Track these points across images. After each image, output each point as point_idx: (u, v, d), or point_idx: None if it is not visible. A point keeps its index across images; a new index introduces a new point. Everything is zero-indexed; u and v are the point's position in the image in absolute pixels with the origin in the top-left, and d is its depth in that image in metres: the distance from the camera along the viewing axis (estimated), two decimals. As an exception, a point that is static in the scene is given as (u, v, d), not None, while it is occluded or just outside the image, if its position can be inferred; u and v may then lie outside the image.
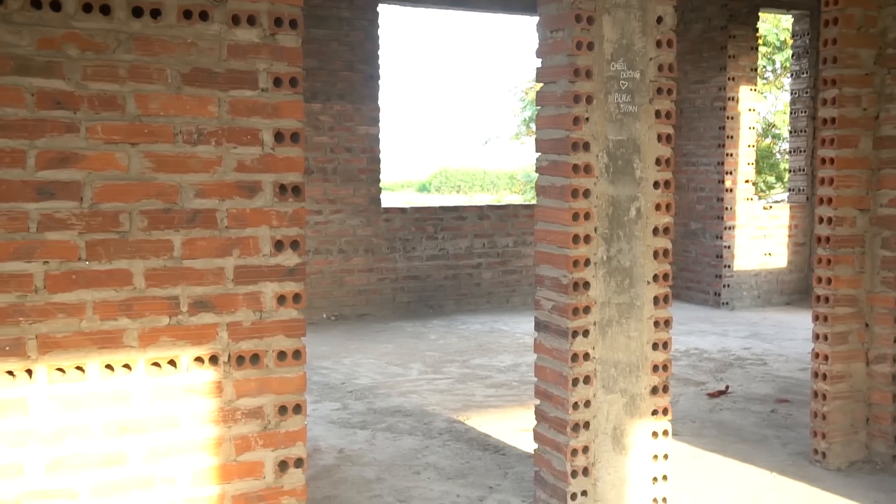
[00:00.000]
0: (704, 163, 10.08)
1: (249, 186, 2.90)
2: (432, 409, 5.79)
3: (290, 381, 3.00)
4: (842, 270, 4.64)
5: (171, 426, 2.84)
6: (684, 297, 10.32)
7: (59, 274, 2.68)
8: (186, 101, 2.79)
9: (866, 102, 4.63)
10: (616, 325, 3.97)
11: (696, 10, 10.01)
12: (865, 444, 4.76)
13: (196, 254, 2.84)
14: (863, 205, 4.66)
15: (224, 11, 2.82)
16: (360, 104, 9.10)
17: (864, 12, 4.57)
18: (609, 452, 4.00)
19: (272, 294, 2.95)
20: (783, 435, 5.30)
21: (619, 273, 3.96)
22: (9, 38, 2.57)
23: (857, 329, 4.70)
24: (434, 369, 7.01)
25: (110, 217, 2.73)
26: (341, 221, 9.09)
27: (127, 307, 2.76)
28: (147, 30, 2.73)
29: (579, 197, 3.84)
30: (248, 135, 2.88)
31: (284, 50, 2.90)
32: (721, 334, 8.52)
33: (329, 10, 8.88)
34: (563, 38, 3.83)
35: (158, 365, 2.82)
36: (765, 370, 7.03)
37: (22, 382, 2.66)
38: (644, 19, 3.92)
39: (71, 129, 2.66)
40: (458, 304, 9.75)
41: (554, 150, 3.90)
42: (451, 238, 9.69)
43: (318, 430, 5.28)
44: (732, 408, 5.90)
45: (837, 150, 4.61)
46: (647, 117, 3.96)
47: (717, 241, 9.95)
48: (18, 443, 2.66)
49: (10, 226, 2.61)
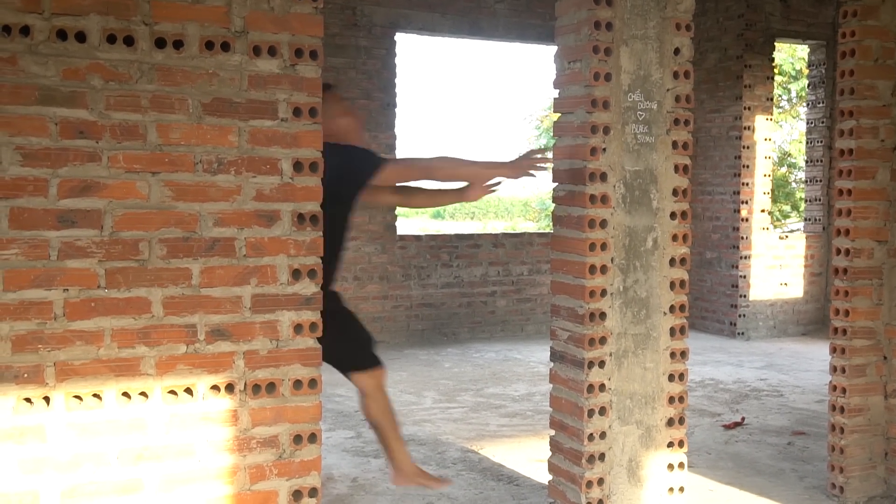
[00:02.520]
0: (720, 192, 10.07)
1: (268, 215, 2.91)
2: (446, 438, 5.76)
3: (306, 409, 2.99)
4: (859, 302, 4.61)
5: (187, 454, 2.84)
6: (699, 327, 10.27)
7: (78, 301, 2.70)
8: (207, 131, 2.82)
9: (884, 134, 4.62)
10: (632, 356, 3.95)
11: (713, 40, 10.04)
12: (884, 479, 4.70)
13: (214, 282, 2.86)
14: (881, 236, 4.64)
15: (245, 42, 2.85)
16: (376, 132, 9.15)
17: (881, 44, 4.57)
18: (624, 484, 3.97)
19: (289, 323, 2.96)
20: (800, 468, 5.24)
21: (635, 304, 3.94)
22: (35, 69, 2.61)
23: (876, 361, 4.66)
24: (448, 398, 6.98)
25: (130, 245, 2.75)
26: (357, 248, 9.11)
27: (145, 335, 2.77)
28: (169, 60, 2.76)
29: (596, 227, 3.84)
30: (268, 164, 2.90)
31: (304, 80, 2.93)
32: (737, 365, 8.47)
33: (347, 38, 8.96)
34: (580, 69, 3.85)
35: (175, 393, 2.83)
36: (781, 402, 6.97)
37: (39, 409, 2.67)
38: (661, 51, 3.94)
39: (93, 158, 2.68)
40: (473, 333, 9.73)
41: (571, 181, 3.91)
42: (466, 266, 9.69)
43: (332, 459, 5.26)
44: (748, 440, 5.85)
45: (855, 182, 4.60)
46: (663, 148, 3.97)
47: (733, 270, 9.91)
48: (34, 470, 2.67)
49: (31, 253, 2.64)
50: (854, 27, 4.57)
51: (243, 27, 2.84)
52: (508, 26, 9.75)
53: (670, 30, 3.95)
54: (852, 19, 4.58)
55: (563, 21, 3.96)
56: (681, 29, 3.98)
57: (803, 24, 10.04)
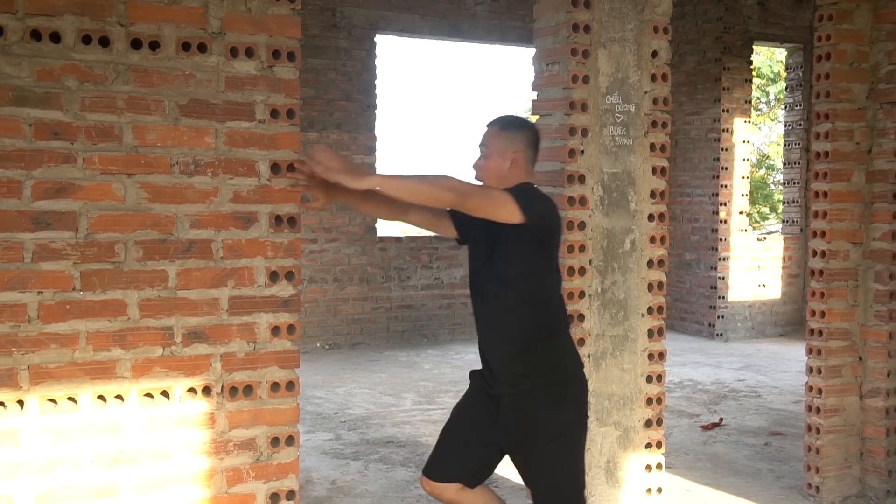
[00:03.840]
0: (699, 194, 10.13)
1: (245, 217, 2.90)
2: (426, 440, 5.76)
3: (283, 412, 2.98)
4: (835, 304, 4.65)
5: (163, 458, 2.82)
6: (678, 328, 10.32)
7: (53, 304, 2.67)
8: (183, 133, 2.80)
9: (859, 136, 4.66)
10: (610, 357, 3.97)
11: (691, 43, 10.10)
12: (859, 479, 4.75)
13: (191, 284, 2.84)
14: (856, 238, 4.68)
15: (222, 44, 2.84)
16: (356, 133, 9.14)
17: (856, 48, 4.62)
18: (602, 485, 3.98)
19: (266, 325, 2.94)
20: (776, 468, 5.28)
21: (613, 305, 3.96)
22: (8, 70, 2.58)
23: (851, 362, 4.70)
24: (428, 399, 6.98)
25: (105, 247, 2.73)
26: (336, 250, 9.10)
27: (120, 337, 2.75)
28: (145, 62, 2.74)
29: (574, 229, 3.86)
30: (245, 166, 2.89)
31: (282, 82, 2.92)
32: (715, 366, 8.51)
33: (327, 40, 8.94)
34: (558, 72, 3.86)
35: (151, 396, 2.81)
36: (758, 402, 7.01)
37: (13, 413, 2.64)
38: (639, 53, 3.95)
39: (68, 160, 2.66)
40: (453, 334, 9.73)
41: (549, 183, 3.92)
42: (446, 267, 9.70)
43: (311, 461, 5.25)
44: (726, 440, 5.88)
45: (831, 184, 4.63)
46: (641, 150, 3.99)
47: (712, 272, 9.97)
48: (8, 474, 2.64)
49: (4, 256, 2.61)
50: (829, 31, 4.61)
51: (220, 28, 2.83)
52: (488, 28, 9.77)
53: (648, 32, 3.97)
54: (828, 23, 4.61)
55: (542, 23, 3.97)
56: (658, 32, 4.00)
57: (781, 27, 10.13)
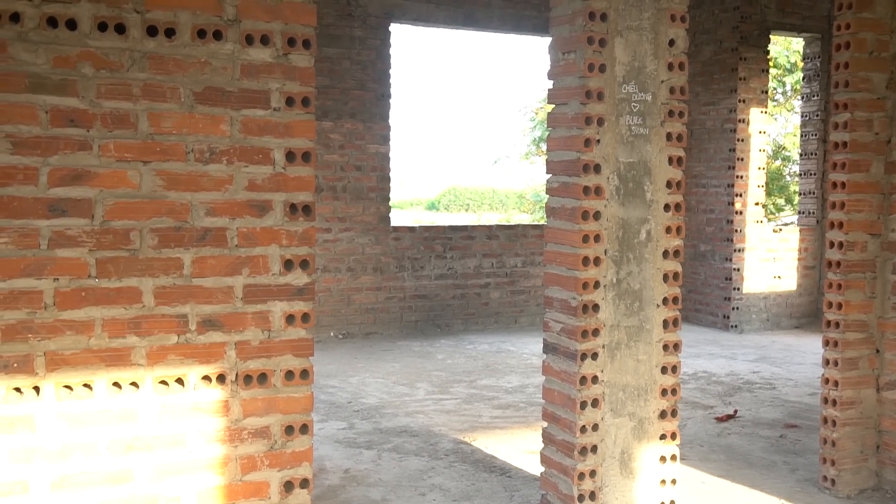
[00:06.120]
0: (714, 185, 10.07)
1: (260, 205, 2.90)
2: (439, 430, 5.76)
3: (298, 400, 2.99)
4: (852, 295, 4.61)
5: (178, 445, 2.83)
6: (693, 320, 10.28)
7: (68, 291, 2.68)
8: (199, 120, 2.80)
9: (878, 127, 4.62)
10: (625, 348, 3.95)
11: (708, 33, 10.03)
12: (875, 472, 4.72)
13: (206, 272, 2.84)
14: (874, 229, 4.64)
15: (238, 31, 2.83)
16: (370, 122, 9.13)
17: (875, 37, 4.57)
18: (616, 476, 3.97)
19: (281, 313, 2.95)
20: (792, 461, 5.25)
21: (628, 296, 3.94)
22: (25, 57, 2.59)
23: (868, 355, 4.67)
24: (441, 389, 6.98)
25: (121, 235, 2.73)
26: (350, 240, 9.10)
27: (135, 325, 2.76)
28: (161, 49, 2.74)
29: (589, 219, 3.83)
30: (260, 154, 2.89)
31: (297, 70, 2.91)
32: (730, 357, 8.48)
33: (341, 28, 8.93)
34: (575, 60, 3.84)
35: (166, 383, 2.82)
36: (773, 394, 6.98)
37: (29, 399, 2.66)
38: (656, 42, 3.92)
39: (84, 147, 2.67)
40: (466, 324, 9.73)
41: (565, 172, 3.90)
42: (460, 257, 9.69)
43: (324, 450, 5.26)
44: (741, 432, 5.86)
45: (849, 175, 4.59)
46: (658, 140, 3.96)
47: (727, 263, 9.92)
48: (24, 460, 2.65)
49: (21, 242, 2.62)
50: (849, 19, 4.56)
51: (236, 16, 2.82)
52: (503, 17, 9.72)
53: (665, 21, 3.94)
54: (847, 11, 4.57)
55: (558, 11, 3.94)
56: (675, 20, 3.96)
57: (799, 16, 10.04)
